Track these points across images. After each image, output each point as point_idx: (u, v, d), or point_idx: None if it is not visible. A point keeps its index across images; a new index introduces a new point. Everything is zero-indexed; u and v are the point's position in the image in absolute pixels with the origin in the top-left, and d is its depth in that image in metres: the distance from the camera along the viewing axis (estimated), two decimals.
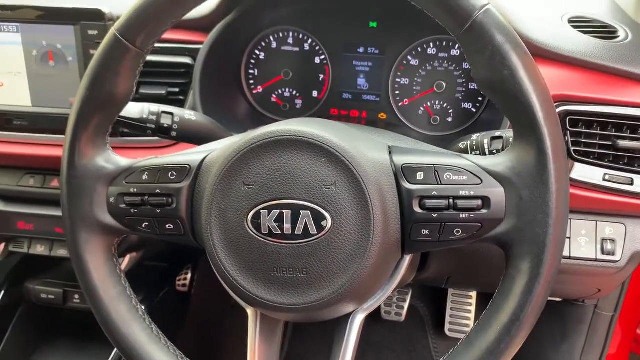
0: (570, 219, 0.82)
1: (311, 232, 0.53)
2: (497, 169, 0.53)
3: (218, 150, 0.59)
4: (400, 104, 0.97)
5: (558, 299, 1.12)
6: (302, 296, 0.54)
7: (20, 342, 1.13)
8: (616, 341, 1.23)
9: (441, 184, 0.53)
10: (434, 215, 0.53)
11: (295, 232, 0.53)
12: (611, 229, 0.82)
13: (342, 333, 0.60)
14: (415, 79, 0.95)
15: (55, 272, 1.18)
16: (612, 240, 0.81)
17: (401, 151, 0.57)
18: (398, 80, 0.96)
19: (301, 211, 0.53)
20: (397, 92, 0.97)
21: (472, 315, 1.44)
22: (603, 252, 0.81)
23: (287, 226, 0.53)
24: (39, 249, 1.02)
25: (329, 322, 0.61)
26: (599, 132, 0.79)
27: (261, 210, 0.54)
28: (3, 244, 1.03)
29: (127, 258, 1.01)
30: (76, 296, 1.12)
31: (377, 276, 0.56)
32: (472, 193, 0.52)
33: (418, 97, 0.96)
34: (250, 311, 0.61)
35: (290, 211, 0.53)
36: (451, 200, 0.53)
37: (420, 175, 0.54)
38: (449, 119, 0.95)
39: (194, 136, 0.75)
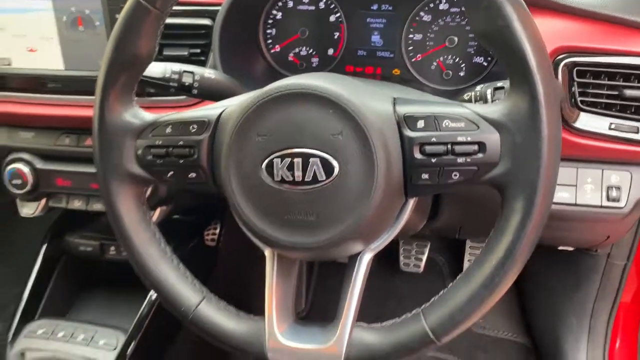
0: (577, 168, 0.84)
1: (319, 179, 0.57)
2: (493, 116, 0.56)
3: (234, 104, 0.64)
4: (413, 60, 0.99)
5: (570, 248, 1.15)
6: (312, 236, 0.59)
7: (63, 290, 1.23)
8: (630, 290, 1.26)
9: (440, 131, 0.57)
10: (433, 160, 0.57)
11: (306, 179, 0.58)
12: (617, 176, 0.84)
13: (351, 271, 0.65)
14: (428, 34, 0.97)
15: (93, 226, 1.26)
16: (618, 188, 0.84)
17: (404, 102, 0.61)
18: (411, 36, 0.98)
19: (310, 159, 0.57)
20: (410, 48, 0.99)
21: None
22: (608, 199, 0.84)
23: (298, 173, 0.58)
24: (77, 204, 1.09)
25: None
26: (607, 82, 0.80)
27: (274, 159, 0.58)
28: (44, 200, 1.10)
29: (158, 211, 1.08)
30: (112, 248, 1.20)
31: (381, 217, 0.61)
32: (469, 139, 0.56)
33: (430, 52, 0.98)
34: (267, 252, 0.66)
35: (300, 159, 0.57)
36: (449, 146, 0.56)
37: (420, 124, 0.58)
38: (461, 73, 0.98)
39: (214, 93, 0.80)
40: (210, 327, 0.66)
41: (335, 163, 0.57)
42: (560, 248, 1.15)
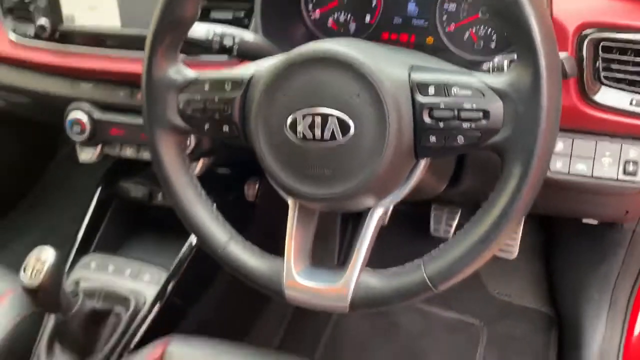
0: (596, 141, 0.87)
1: (336, 136, 0.64)
2: (498, 86, 0.60)
3: (265, 66, 0.70)
4: (447, 29, 1.02)
5: (594, 222, 1.17)
6: (328, 188, 0.66)
7: (114, 229, 1.34)
8: None
9: (448, 98, 0.62)
10: (441, 124, 0.62)
11: (324, 137, 0.64)
12: (635, 151, 0.86)
13: (363, 223, 0.71)
14: (462, 4, 1.00)
15: (143, 174, 1.37)
16: (635, 162, 0.86)
17: (420, 69, 0.66)
18: (446, 6, 1.01)
19: (329, 118, 0.63)
20: (444, 18, 1.02)
21: (517, 235, 1.50)
22: (625, 173, 0.86)
23: (317, 131, 0.64)
24: (128, 152, 1.19)
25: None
26: (632, 58, 0.82)
27: (297, 118, 0.65)
28: (99, 147, 1.21)
29: (200, 162, 1.17)
30: (159, 195, 1.31)
31: (392, 175, 0.67)
32: (474, 106, 0.61)
33: (464, 22, 1.01)
34: (290, 201, 0.73)
35: (320, 118, 0.64)
36: (456, 112, 0.61)
37: (431, 90, 0.63)
38: (492, 45, 1.00)
39: (253, 55, 0.86)
40: (236, 265, 0.74)
41: (351, 123, 0.63)
42: (584, 221, 1.17)
